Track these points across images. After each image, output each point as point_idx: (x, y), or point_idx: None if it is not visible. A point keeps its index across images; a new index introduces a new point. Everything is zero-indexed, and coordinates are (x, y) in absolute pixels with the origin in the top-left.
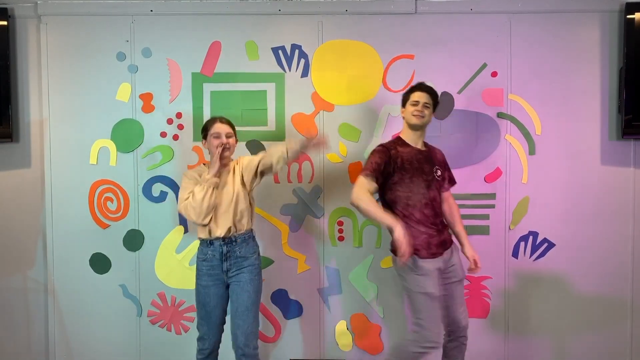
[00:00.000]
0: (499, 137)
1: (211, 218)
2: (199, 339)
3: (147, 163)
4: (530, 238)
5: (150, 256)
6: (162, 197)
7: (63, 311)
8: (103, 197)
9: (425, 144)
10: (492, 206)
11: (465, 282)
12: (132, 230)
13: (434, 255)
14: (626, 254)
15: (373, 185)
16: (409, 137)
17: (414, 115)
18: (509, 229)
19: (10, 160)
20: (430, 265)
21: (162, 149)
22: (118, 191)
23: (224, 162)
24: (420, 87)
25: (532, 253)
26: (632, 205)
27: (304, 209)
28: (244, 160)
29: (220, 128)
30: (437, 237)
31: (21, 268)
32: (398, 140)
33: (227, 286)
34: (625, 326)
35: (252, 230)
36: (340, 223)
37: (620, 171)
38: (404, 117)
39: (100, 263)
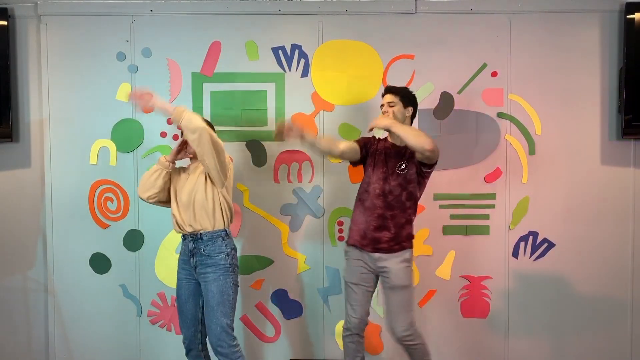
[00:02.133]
0: (499, 137)
1: (154, 200)
2: (180, 331)
3: (147, 163)
4: (530, 238)
5: (150, 256)
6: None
7: (63, 311)
8: (103, 197)
9: None
10: (492, 206)
11: (465, 282)
12: (132, 230)
13: (362, 246)
14: (626, 254)
15: (349, 144)
16: (391, 136)
17: (382, 113)
18: (509, 229)
19: (10, 160)
20: (353, 253)
21: (162, 149)
22: (118, 191)
23: (187, 155)
24: (386, 89)
25: (532, 253)
26: (632, 205)
27: (304, 209)
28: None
29: None
30: (374, 231)
31: (21, 268)
32: (384, 138)
33: (199, 284)
34: (625, 326)
35: (225, 230)
36: (340, 223)
37: (620, 171)
38: None
39: (100, 263)
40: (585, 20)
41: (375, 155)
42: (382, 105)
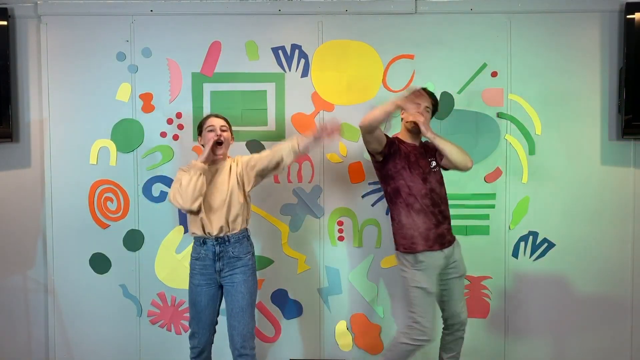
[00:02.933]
0: (499, 137)
1: (200, 208)
2: (191, 337)
3: (147, 163)
4: (530, 238)
5: (150, 256)
6: (162, 197)
7: (63, 311)
8: (103, 197)
9: (422, 145)
10: (492, 206)
11: (465, 282)
12: (132, 230)
13: (431, 248)
14: (626, 254)
15: (383, 134)
16: (407, 138)
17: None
18: (509, 229)
19: (10, 160)
20: (429, 259)
21: (162, 149)
22: (118, 191)
23: (218, 156)
24: (425, 91)
25: (532, 253)
26: (632, 205)
27: (304, 209)
28: (243, 159)
29: (214, 121)
30: (435, 229)
31: (21, 268)
32: (397, 139)
33: (220, 286)
34: (625, 326)
35: (247, 230)
36: (340, 223)
37: (620, 171)
38: (403, 119)
39: (100, 263)
40: (585, 20)
41: (407, 157)
42: (416, 105)
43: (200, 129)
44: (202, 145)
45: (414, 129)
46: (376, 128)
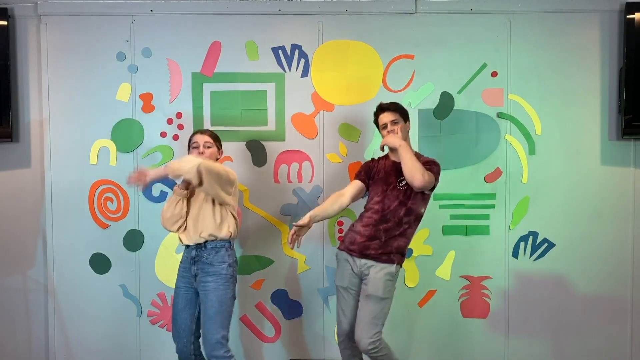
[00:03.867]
0: (499, 137)
1: (183, 227)
2: (173, 340)
3: (147, 163)
4: (530, 238)
5: (150, 256)
6: (162, 197)
7: (63, 311)
8: (103, 197)
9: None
10: (492, 206)
11: (465, 282)
12: (132, 230)
13: (350, 251)
14: (626, 254)
15: (351, 188)
16: (391, 154)
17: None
18: (509, 229)
19: (10, 160)
20: (343, 255)
21: (162, 149)
22: (118, 191)
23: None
24: (382, 107)
25: (532, 253)
26: (632, 205)
27: (304, 209)
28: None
29: (198, 138)
30: (365, 240)
31: (21, 268)
32: (385, 155)
33: (198, 293)
34: (625, 326)
35: (229, 241)
36: (340, 223)
37: (620, 171)
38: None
39: (100, 263)
40: (585, 20)
41: (375, 175)
42: (383, 126)
43: (188, 144)
44: None
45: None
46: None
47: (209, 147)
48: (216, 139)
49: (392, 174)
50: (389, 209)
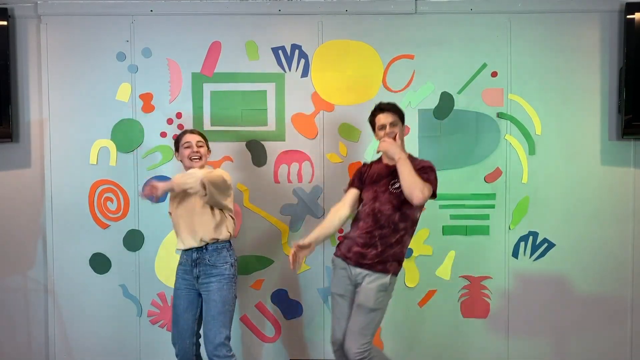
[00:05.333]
0: (499, 137)
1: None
2: (172, 343)
3: (147, 163)
4: (530, 238)
5: (150, 256)
6: (162, 197)
7: (63, 311)
8: (103, 197)
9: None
10: (492, 206)
11: (465, 282)
12: (132, 230)
13: (346, 259)
14: (626, 254)
15: (348, 197)
16: (384, 157)
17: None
18: (509, 229)
19: (10, 160)
20: (339, 263)
21: (162, 149)
22: (118, 191)
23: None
24: (381, 107)
25: (532, 253)
26: (632, 205)
27: (304, 209)
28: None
29: (190, 138)
30: (361, 247)
31: (21, 268)
32: (378, 159)
33: (200, 294)
34: (625, 326)
35: (229, 241)
36: None
37: (620, 171)
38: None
39: (100, 263)
40: (585, 20)
41: (366, 180)
42: (381, 126)
43: (177, 145)
44: (180, 160)
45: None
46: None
47: (201, 147)
48: (205, 138)
49: (384, 176)
50: (381, 213)
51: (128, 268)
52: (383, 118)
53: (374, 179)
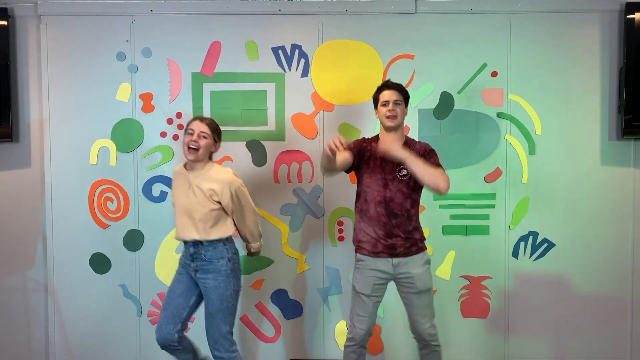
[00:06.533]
0: (499, 137)
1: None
2: (156, 329)
3: (147, 163)
4: (530, 238)
5: (150, 256)
6: (162, 197)
7: (63, 311)
8: (103, 197)
9: (405, 142)
10: (492, 206)
11: (465, 282)
12: (132, 230)
13: (375, 254)
14: (626, 254)
15: (344, 155)
16: (384, 136)
17: (387, 117)
18: (509, 229)
19: (10, 160)
20: (369, 262)
21: (162, 149)
22: (118, 191)
23: (190, 161)
24: (388, 85)
25: (532, 253)
26: (632, 205)
27: (304, 209)
28: (238, 190)
29: (195, 126)
30: (384, 239)
31: (21, 268)
32: (376, 137)
33: (197, 285)
34: (625, 326)
35: (227, 237)
36: (340, 223)
37: (620, 171)
38: (379, 119)
39: (100, 263)
40: (585, 20)
41: (370, 160)
42: (385, 102)
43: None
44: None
45: (389, 128)
46: (334, 167)
47: (204, 138)
48: (215, 130)
49: (388, 162)
50: (393, 201)
51: (128, 268)
52: (388, 95)
53: (379, 163)
